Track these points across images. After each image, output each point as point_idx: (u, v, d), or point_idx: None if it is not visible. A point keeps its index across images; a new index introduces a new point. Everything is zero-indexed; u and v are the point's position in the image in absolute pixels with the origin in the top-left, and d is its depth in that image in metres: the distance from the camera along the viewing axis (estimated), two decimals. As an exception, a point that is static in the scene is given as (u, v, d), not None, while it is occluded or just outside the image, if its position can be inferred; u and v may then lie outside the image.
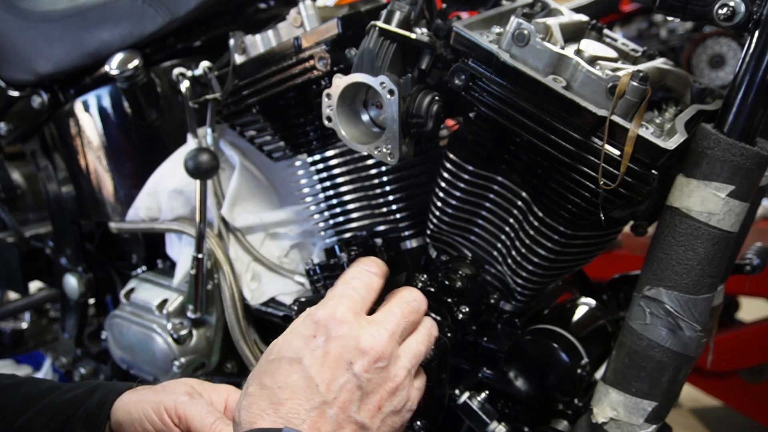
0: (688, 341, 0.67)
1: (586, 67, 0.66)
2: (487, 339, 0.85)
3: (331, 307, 0.61)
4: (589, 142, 0.66)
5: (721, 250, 0.66)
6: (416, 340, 0.64)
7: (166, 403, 0.65)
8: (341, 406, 0.56)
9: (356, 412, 0.56)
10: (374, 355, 0.58)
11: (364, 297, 0.64)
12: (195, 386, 0.68)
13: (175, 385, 0.68)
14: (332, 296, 0.63)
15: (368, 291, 0.65)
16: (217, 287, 1.03)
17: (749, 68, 0.64)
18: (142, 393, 0.68)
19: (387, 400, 0.58)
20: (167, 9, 1.01)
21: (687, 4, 0.66)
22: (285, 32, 0.87)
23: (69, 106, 1.13)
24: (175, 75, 0.99)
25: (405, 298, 0.66)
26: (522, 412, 0.85)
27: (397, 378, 0.59)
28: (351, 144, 0.75)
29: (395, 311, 0.63)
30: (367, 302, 0.64)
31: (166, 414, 0.65)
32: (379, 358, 0.58)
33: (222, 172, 1.04)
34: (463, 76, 0.70)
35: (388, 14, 0.73)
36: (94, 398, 0.68)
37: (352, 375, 0.57)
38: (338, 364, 0.57)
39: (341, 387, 0.56)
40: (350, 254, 0.86)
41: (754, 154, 0.63)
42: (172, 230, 1.08)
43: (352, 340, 0.58)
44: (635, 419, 0.69)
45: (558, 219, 0.72)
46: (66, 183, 1.22)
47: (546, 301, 0.93)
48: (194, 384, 0.69)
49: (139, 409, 0.65)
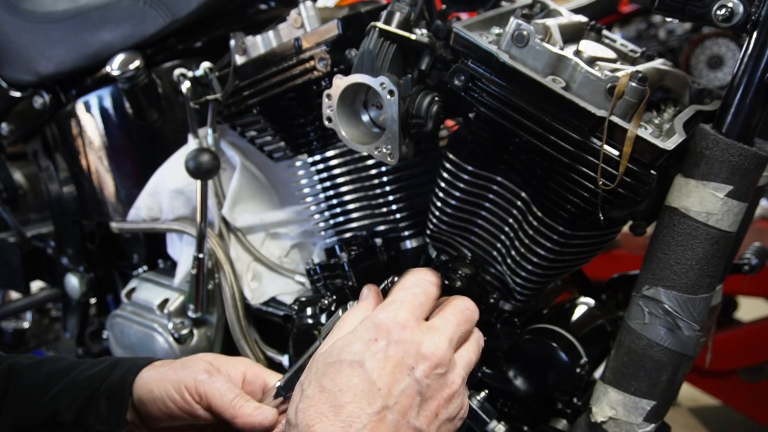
0: (687, 341, 0.67)
1: (585, 68, 0.66)
2: (486, 338, 0.86)
3: (393, 311, 0.60)
4: (588, 142, 0.66)
5: (719, 249, 0.66)
6: (469, 349, 0.64)
7: (187, 382, 0.66)
8: (401, 410, 0.55)
9: (415, 417, 0.56)
10: (435, 361, 0.58)
11: (423, 304, 0.63)
12: (213, 362, 0.69)
13: (194, 362, 0.69)
14: (392, 301, 0.62)
15: (427, 299, 0.64)
16: (217, 287, 1.03)
17: (747, 69, 0.64)
18: (163, 371, 0.69)
19: (444, 407, 0.58)
20: (168, 10, 1.01)
21: (685, 4, 0.67)
22: (285, 33, 0.87)
23: (70, 107, 1.14)
24: (176, 76, 1.00)
25: (460, 307, 0.65)
26: (521, 411, 0.86)
27: (453, 385, 0.59)
28: (351, 144, 0.75)
29: (452, 319, 0.63)
30: (425, 310, 0.63)
31: (186, 393, 0.66)
32: (439, 364, 0.58)
33: (223, 172, 1.04)
34: (463, 76, 0.70)
35: (388, 15, 0.73)
36: (115, 374, 0.70)
37: (413, 380, 0.56)
38: (400, 369, 0.56)
39: (402, 391, 0.56)
40: (350, 254, 0.87)
41: (752, 154, 0.64)
42: (173, 230, 1.08)
43: (413, 345, 0.58)
44: (634, 418, 0.69)
45: (557, 219, 0.73)
46: (67, 183, 1.23)
47: (545, 301, 0.93)
48: (212, 360, 0.70)
49: (161, 388, 0.67)
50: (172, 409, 0.67)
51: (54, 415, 0.68)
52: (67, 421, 0.68)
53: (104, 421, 0.68)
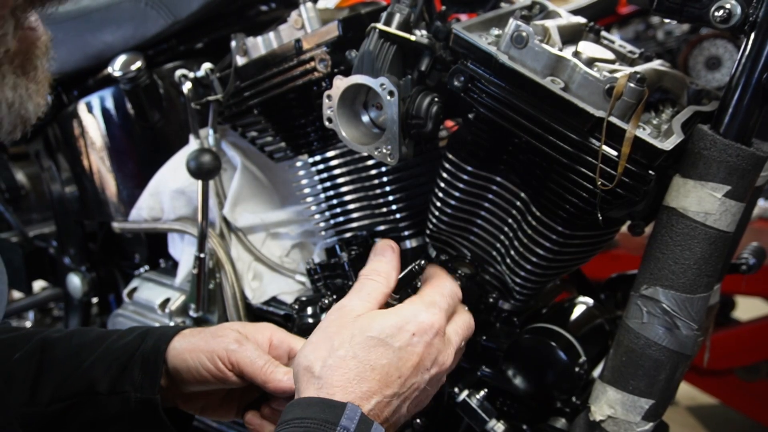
0: (685, 340, 0.68)
1: (584, 69, 0.67)
2: (486, 338, 0.86)
3: (434, 315, 0.66)
4: (587, 142, 0.66)
5: (717, 249, 0.66)
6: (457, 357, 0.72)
7: (219, 352, 0.70)
8: (404, 399, 0.62)
9: (408, 406, 0.63)
10: (444, 369, 0.67)
11: (452, 308, 0.71)
12: (240, 330, 0.73)
13: (224, 331, 0.72)
14: (433, 304, 0.67)
15: (455, 302, 0.72)
16: (218, 286, 1.04)
17: (745, 70, 0.64)
18: (194, 341, 0.72)
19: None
20: (169, 11, 1.02)
21: (684, 6, 0.67)
22: (286, 34, 0.88)
23: (72, 108, 1.14)
24: (178, 76, 1.00)
25: (467, 322, 0.73)
26: (520, 409, 0.86)
27: (440, 382, 0.68)
28: (351, 145, 0.76)
29: (459, 332, 0.70)
30: (452, 312, 0.71)
31: (219, 362, 0.70)
32: (445, 372, 0.67)
33: (224, 172, 1.05)
34: (462, 77, 0.71)
35: (388, 16, 0.74)
36: (146, 344, 0.73)
37: (423, 380, 0.64)
38: (419, 368, 0.63)
39: (411, 385, 0.63)
40: (350, 254, 0.87)
41: (750, 154, 0.64)
42: (174, 230, 1.09)
43: (436, 353, 0.65)
44: (632, 417, 0.70)
45: (556, 219, 0.73)
46: (69, 183, 1.23)
47: (544, 300, 0.93)
48: (239, 328, 0.73)
49: (194, 358, 0.71)
50: (205, 376, 0.71)
51: (90, 385, 0.71)
52: (103, 390, 0.71)
53: (139, 388, 0.71)
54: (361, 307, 0.65)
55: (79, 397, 0.71)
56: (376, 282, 0.68)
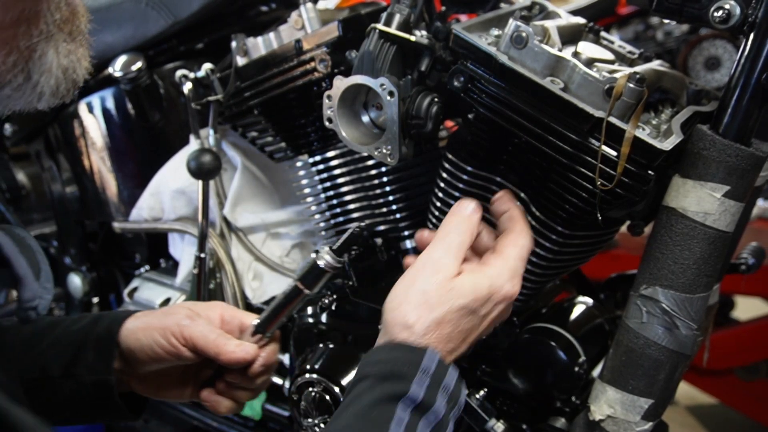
0: (685, 339, 0.68)
1: (584, 69, 0.67)
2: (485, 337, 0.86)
3: (516, 285, 0.68)
4: (587, 143, 0.66)
5: (716, 249, 0.67)
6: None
7: (172, 328, 0.71)
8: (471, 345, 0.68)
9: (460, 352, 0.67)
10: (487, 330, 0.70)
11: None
12: (192, 308, 0.75)
13: (175, 309, 0.74)
14: (516, 273, 0.68)
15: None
16: (219, 286, 1.04)
17: (744, 70, 0.64)
18: (147, 320, 0.74)
19: None
20: (170, 12, 1.02)
21: (683, 6, 0.67)
22: (286, 34, 0.88)
23: (73, 108, 1.14)
24: (178, 77, 1.00)
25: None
26: (520, 409, 0.86)
27: None
28: (351, 145, 0.76)
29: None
30: None
31: (172, 337, 0.71)
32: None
33: (224, 172, 1.05)
34: (462, 77, 0.71)
35: (388, 17, 0.74)
36: (100, 327, 0.74)
37: (489, 331, 0.70)
38: (492, 326, 0.69)
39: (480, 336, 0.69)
40: (351, 253, 0.87)
41: (749, 154, 0.64)
42: (174, 230, 1.09)
43: (506, 311, 0.70)
44: (632, 416, 0.70)
45: (556, 219, 0.73)
46: (70, 183, 1.23)
47: (544, 300, 0.93)
48: (191, 306, 0.75)
49: (147, 336, 0.72)
50: (159, 353, 0.72)
51: (42, 370, 0.72)
52: (56, 374, 0.72)
53: (92, 370, 0.72)
54: (453, 266, 0.65)
55: (32, 382, 0.72)
56: (462, 237, 0.67)
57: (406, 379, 0.57)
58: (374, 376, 0.58)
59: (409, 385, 0.57)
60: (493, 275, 0.66)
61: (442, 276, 0.64)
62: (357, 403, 0.56)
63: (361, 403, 0.56)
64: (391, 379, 0.57)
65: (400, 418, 0.55)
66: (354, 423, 0.55)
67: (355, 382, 0.60)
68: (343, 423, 0.56)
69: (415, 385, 0.57)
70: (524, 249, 0.69)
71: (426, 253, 0.67)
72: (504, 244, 0.68)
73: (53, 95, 0.50)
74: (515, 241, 0.69)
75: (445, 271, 0.64)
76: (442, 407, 0.58)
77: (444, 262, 0.65)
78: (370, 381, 0.58)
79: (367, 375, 0.59)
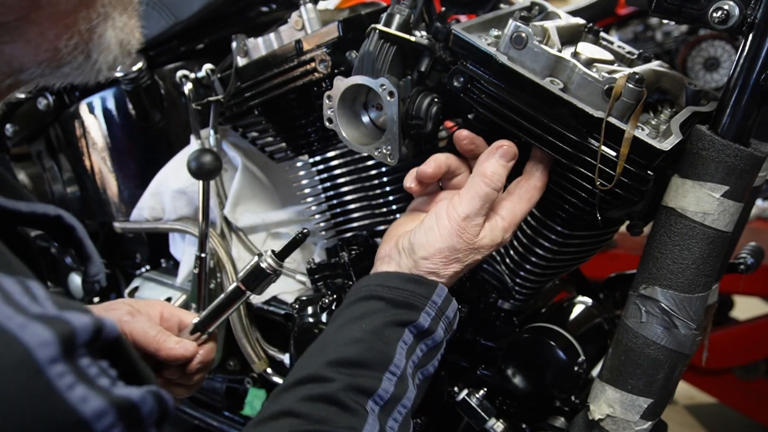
0: (683, 339, 0.68)
1: (583, 70, 0.67)
2: (485, 337, 0.86)
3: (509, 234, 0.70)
4: (586, 143, 0.67)
5: (715, 249, 0.67)
6: None
7: None
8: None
9: None
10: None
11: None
12: (133, 305, 0.75)
13: (117, 305, 0.74)
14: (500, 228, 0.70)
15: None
16: (219, 286, 1.04)
17: (743, 70, 0.64)
18: None
19: None
20: (171, 12, 1.02)
21: (682, 7, 0.67)
22: (286, 35, 0.88)
23: (74, 108, 1.15)
24: (179, 77, 1.01)
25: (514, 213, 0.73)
26: (520, 408, 0.86)
27: None
28: (351, 145, 0.76)
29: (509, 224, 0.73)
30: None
31: None
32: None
33: (224, 172, 1.05)
34: (462, 78, 0.71)
35: (388, 17, 0.74)
36: None
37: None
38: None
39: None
40: (351, 253, 0.87)
41: (748, 155, 0.64)
42: (175, 230, 1.09)
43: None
44: (631, 416, 0.70)
45: (555, 219, 0.74)
46: (71, 183, 1.23)
47: (543, 300, 0.94)
48: (131, 302, 0.76)
49: None
50: None
51: None
52: None
53: None
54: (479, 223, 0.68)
55: None
56: (489, 188, 0.68)
57: (417, 309, 0.65)
58: (389, 301, 0.65)
59: (419, 314, 0.65)
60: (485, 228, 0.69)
61: (455, 217, 0.67)
62: (372, 320, 0.63)
63: (375, 322, 0.63)
64: (404, 307, 0.65)
65: (405, 340, 0.64)
66: (369, 338, 0.62)
67: (367, 297, 0.66)
68: (358, 335, 0.62)
69: (423, 315, 0.65)
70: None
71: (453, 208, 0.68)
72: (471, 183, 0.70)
73: (110, 69, 0.52)
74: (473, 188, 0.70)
75: (457, 215, 0.67)
76: (441, 334, 0.67)
77: (459, 206, 0.68)
78: (385, 304, 0.65)
79: (382, 297, 0.65)
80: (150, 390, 0.36)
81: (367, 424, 0.57)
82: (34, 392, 0.31)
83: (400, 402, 0.61)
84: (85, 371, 0.33)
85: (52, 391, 0.31)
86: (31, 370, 0.31)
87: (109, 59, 0.51)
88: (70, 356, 0.33)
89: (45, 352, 0.32)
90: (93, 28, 0.48)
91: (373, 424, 0.58)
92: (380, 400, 0.60)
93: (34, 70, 0.48)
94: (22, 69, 0.47)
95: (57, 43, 0.47)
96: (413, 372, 0.64)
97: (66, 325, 0.33)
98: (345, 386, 0.58)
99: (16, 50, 0.46)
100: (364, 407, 0.58)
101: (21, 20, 0.45)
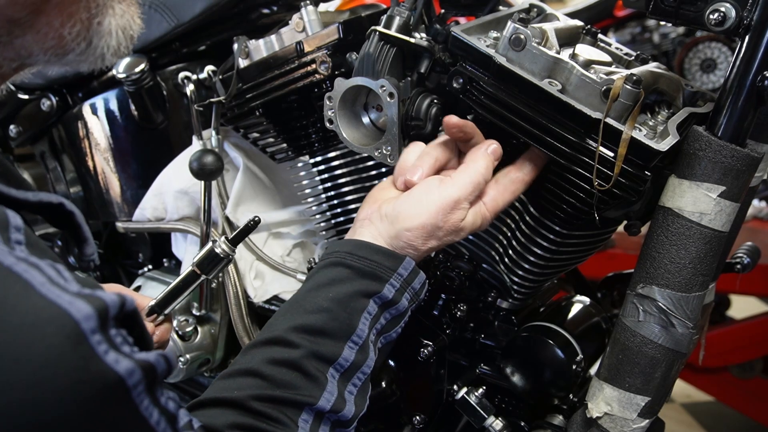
0: (680, 338, 0.69)
1: (581, 71, 0.68)
2: (484, 336, 0.87)
3: (487, 216, 0.72)
4: (584, 143, 0.67)
5: (712, 249, 0.67)
6: None
7: None
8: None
9: None
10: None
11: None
12: None
13: None
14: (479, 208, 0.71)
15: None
16: (221, 285, 1.05)
17: (740, 72, 0.65)
18: None
19: None
20: (173, 14, 1.03)
21: (679, 9, 0.68)
22: (287, 37, 0.89)
23: (77, 109, 1.15)
24: (181, 78, 1.01)
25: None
26: (518, 407, 0.87)
27: None
28: (352, 146, 0.77)
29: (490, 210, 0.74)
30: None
31: None
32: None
33: (226, 173, 1.06)
34: (461, 79, 0.72)
35: (388, 19, 0.75)
36: None
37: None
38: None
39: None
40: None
41: (744, 155, 0.65)
42: (177, 230, 1.10)
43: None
44: (629, 414, 0.71)
45: (553, 219, 0.74)
46: (74, 184, 1.24)
47: (542, 299, 0.94)
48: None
49: None
50: None
51: None
52: None
53: None
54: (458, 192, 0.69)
55: None
56: (482, 178, 0.69)
57: (381, 281, 0.67)
58: (356, 270, 0.67)
59: (383, 286, 0.67)
60: (469, 212, 0.70)
61: (442, 194, 0.68)
62: (338, 289, 0.66)
63: (342, 291, 0.66)
64: (370, 278, 0.67)
65: (369, 310, 0.66)
66: (334, 308, 0.65)
67: (336, 264, 0.68)
68: (324, 304, 0.65)
69: (388, 286, 0.67)
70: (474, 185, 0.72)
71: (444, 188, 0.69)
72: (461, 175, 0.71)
73: (114, 54, 0.54)
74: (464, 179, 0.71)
75: (444, 193, 0.68)
76: (405, 304, 0.69)
77: (450, 189, 0.69)
78: (352, 273, 0.67)
79: (350, 266, 0.67)
80: (160, 353, 0.44)
81: (326, 391, 0.61)
82: (83, 354, 0.39)
83: (360, 369, 0.65)
84: (113, 339, 0.41)
85: (94, 355, 0.39)
86: (79, 338, 0.39)
87: (112, 44, 0.53)
88: (104, 327, 0.40)
89: (89, 324, 0.39)
90: (93, 17, 0.51)
91: (332, 390, 0.61)
92: (340, 368, 0.63)
93: (41, 56, 0.51)
94: (29, 55, 0.51)
95: (62, 31, 0.50)
96: (376, 338, 0.67)
97: (101, 301, 0.41)
98: (308, 353, 0.62)
99: (26, 41, 0.49)
100: (324, 374, 0.62)
101: (32, 13, 0.48)
